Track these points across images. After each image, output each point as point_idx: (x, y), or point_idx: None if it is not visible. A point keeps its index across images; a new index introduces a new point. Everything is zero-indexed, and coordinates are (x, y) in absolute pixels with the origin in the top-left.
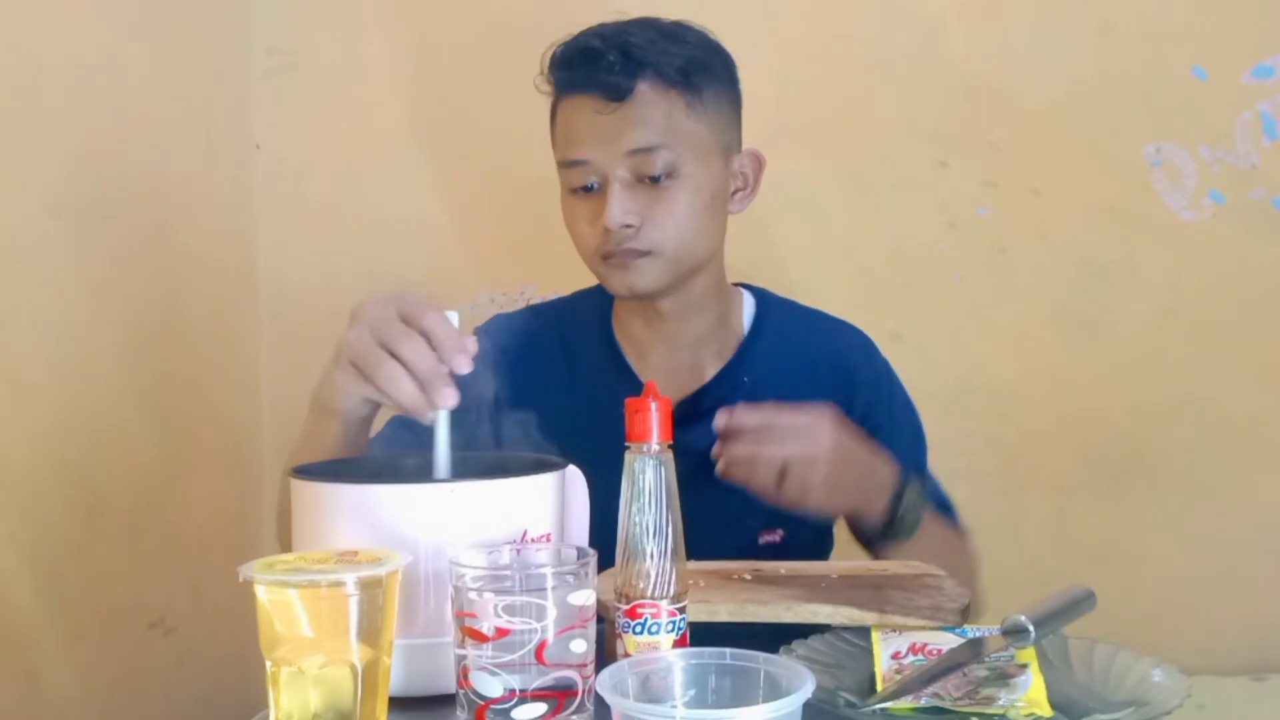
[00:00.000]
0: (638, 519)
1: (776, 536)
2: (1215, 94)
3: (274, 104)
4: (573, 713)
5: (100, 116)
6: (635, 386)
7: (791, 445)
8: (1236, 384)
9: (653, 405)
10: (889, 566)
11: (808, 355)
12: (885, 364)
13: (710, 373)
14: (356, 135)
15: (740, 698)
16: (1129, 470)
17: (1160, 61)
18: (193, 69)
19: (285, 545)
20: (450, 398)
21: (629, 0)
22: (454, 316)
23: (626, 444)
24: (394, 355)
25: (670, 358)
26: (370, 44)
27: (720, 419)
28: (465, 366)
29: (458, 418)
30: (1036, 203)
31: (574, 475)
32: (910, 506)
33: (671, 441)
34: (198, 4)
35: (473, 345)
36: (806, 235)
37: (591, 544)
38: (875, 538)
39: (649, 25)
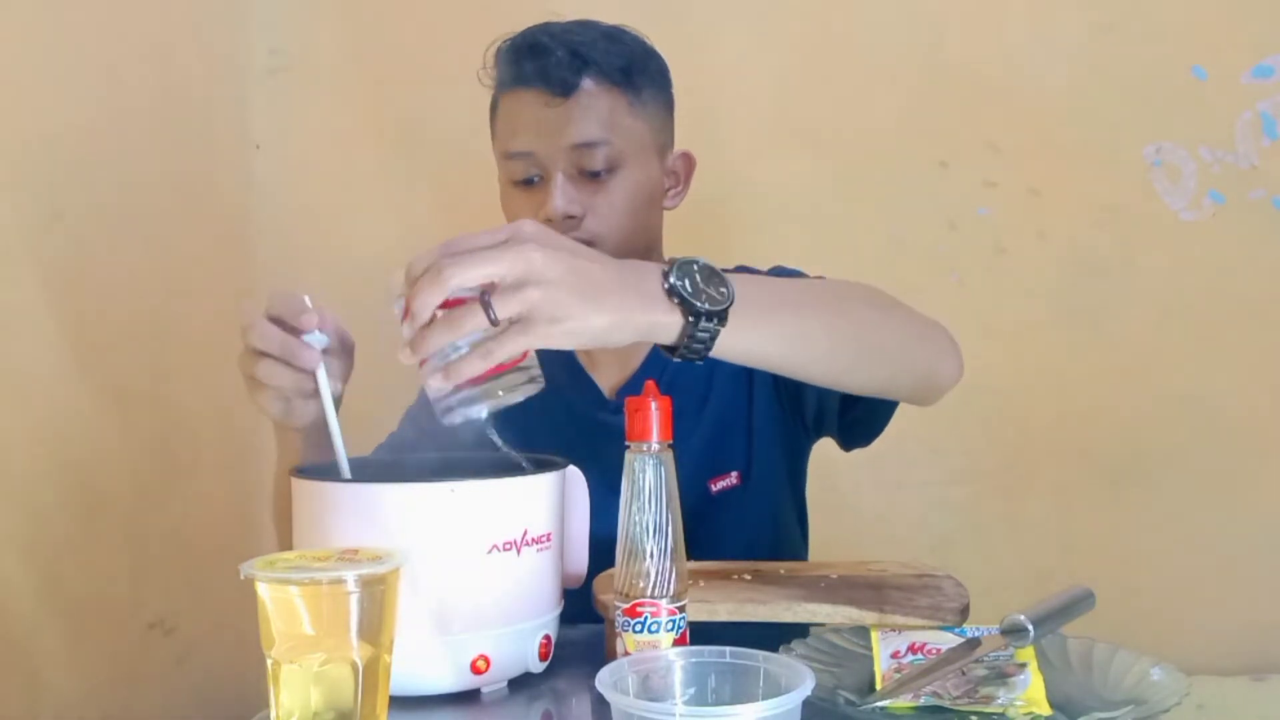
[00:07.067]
0: (638, 518)
1: (732, 480)
2: (1215, 94)
3: (274, 104)
4: None
5: (100, 116)
6: (581, 378)
7: (485, 265)
8: (1236, 384)
9: (653, 405)
10: (887, 566)
11: None
12: None
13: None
14: (356, 135)
15: (740, 696)
16: (1129, 470)
17: (1160, 61)
18: (193, 69)
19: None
20: (308, 357)
21: (638, 2)
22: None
23: (627, 443)
24: (260, 352)
25: (612, 350)
26: (370, 44)
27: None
28: (310, 323)
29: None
30: (1036, 203)
31: (574, 475)
32: (691, 277)
33: (671, 441)
34: (198, 4)
35: (306, 300)
36: (806, 235)
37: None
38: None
39: (590, 26)
